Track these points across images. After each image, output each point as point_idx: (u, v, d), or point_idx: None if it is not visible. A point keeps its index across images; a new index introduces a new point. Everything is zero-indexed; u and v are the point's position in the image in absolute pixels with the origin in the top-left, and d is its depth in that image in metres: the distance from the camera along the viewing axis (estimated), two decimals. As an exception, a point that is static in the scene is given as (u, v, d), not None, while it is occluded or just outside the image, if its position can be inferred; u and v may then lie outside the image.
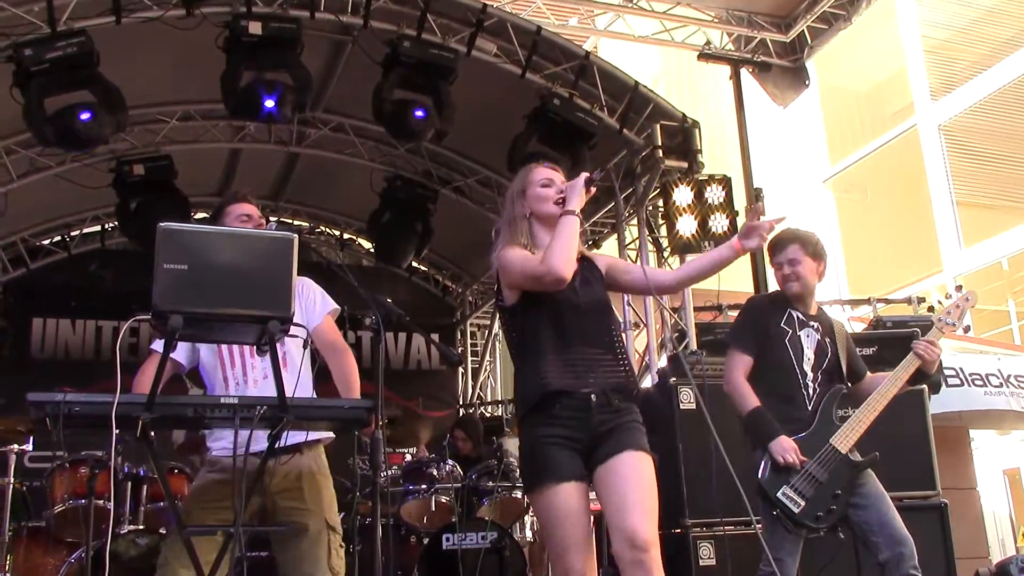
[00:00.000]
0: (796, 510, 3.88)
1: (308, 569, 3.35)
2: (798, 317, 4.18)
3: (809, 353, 4.12)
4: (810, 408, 4.05)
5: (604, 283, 3.34)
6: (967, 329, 4.18)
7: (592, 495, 3.12)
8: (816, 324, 4.19)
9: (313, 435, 3.44)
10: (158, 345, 3.33)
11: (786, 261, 4.21)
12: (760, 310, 4.28)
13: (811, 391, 4.08)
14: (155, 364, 3.34)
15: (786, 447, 3.92)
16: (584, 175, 3.28)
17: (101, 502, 5.25)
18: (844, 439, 3.97)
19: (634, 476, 3.02)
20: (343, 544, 3.55)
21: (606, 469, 3.05)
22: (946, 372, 6.92)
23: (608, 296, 3.33)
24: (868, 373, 4.27)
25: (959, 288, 4.25)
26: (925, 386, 5.55)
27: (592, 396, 3.08)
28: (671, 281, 3.52)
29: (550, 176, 3.35)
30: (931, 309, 4.23)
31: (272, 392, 3.16)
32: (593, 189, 3.29)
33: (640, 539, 2.91)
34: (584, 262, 3.33)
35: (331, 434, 3.58)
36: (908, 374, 4.06)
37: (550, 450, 3.06)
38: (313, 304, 3.70)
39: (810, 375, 4.10)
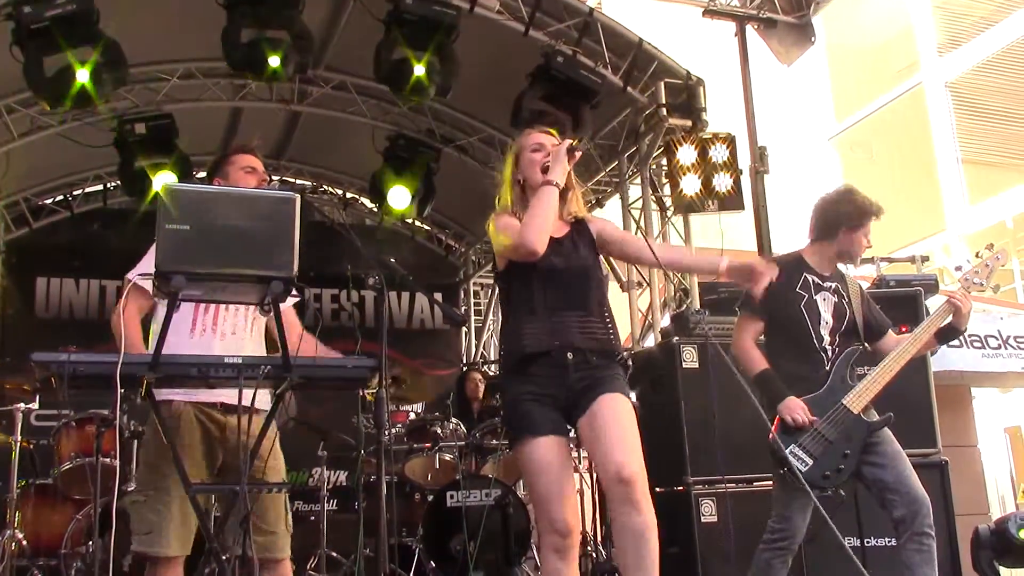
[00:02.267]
0: (804, 468, 3.90)
1: (271, 527, 3.37)
2: (814, 281, 4.14)
3: (827, 316, 4.09)
4: (828, 370, 4.05)
5: (595, 248, 3.37)
6: (996, 288, 4.13)
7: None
8: (832, 285, 4.16)
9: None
10: (134, 275, 3.31)
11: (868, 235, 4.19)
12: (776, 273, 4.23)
13: (829, 353, 4.07)
14: (137, 305, 3.33)
15: (794, 407, 3.93)
16: (566, 142, 3.29)
17: (108, 460, 5.30)
18: (857, 399, 3.97)
19: (612, 415, 3.07)
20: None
21: (587, 419, 3.10)
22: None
23: (596, 261, 3.35)
24: (890, 333, 4.24)
25: (990, 246, 4.18)
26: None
27: (568, 355, 3.13)
28: (654, 261, 3.47)
29: (541, 141, 3.36)
30: (958, 268, 4.13)
31: (236, 350, 3.17)
32: (578, 155, 3.30)
33: (626, 473, 2.96)
34: (576, 226, 3.36)
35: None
36: (931, 332, 4.03)
37: (527, 406, 3.13)
38: None
39: (827, 339, 4.08)
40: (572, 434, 3.23)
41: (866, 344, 4.18)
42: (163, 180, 7.38)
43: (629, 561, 3.00)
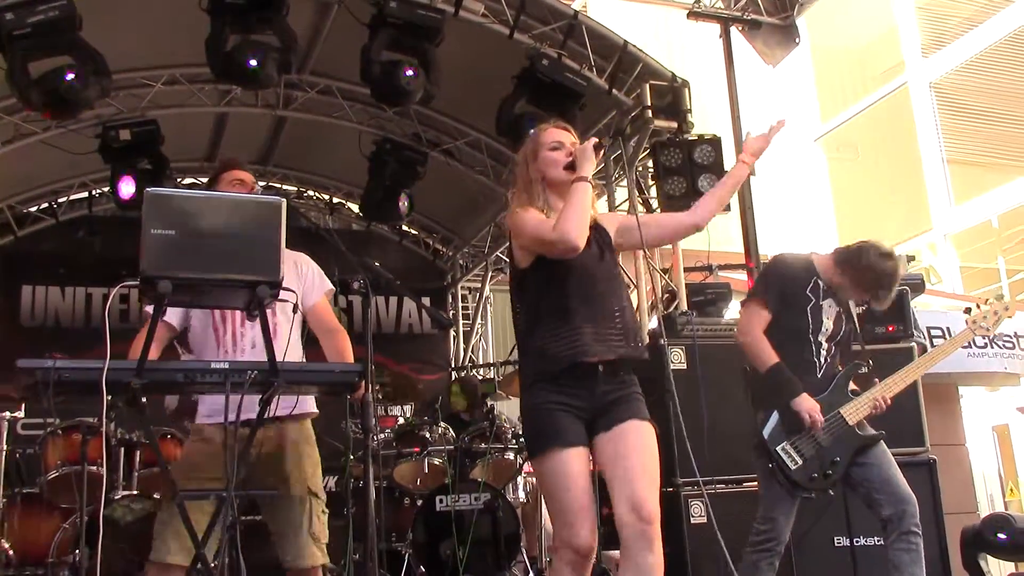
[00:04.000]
0: (792, 466, 3.92)
1: (291, 535, 3.38)
2: (822, 287, 4.16)
3: (828, 324, 4.12)
4: (819, 376, 4.07)
5: (614, 251, 3.33)
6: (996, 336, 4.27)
7: None
8: (838, 296, 4.19)
9: (298, 410, 3.44)
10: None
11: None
12: (791, 271, 4.22)
13: (823, 360, 4.10)
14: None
15: (812, 406, 3.92)
16: (593, 140, 3.26)
17: (94, 468, 5.27)
18: (854, 412, 4.01)
19: (640, 446, 3.04)
20: (326, 510, 3.57)
21: (611, 438, 3.05)
22: (934, 332, 6.95)
23: (619, 266, 3.34)
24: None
25: (999, 297, 4.28)
26: (915, 344, 5.59)
27: (599, 367, 3.08)
28: (696, 219, 3.44)
29: (559, 139, 3.33)
30: (967, 311, 4.25)
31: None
32: (602, 152, 3.29)
33: (647, 511, 2.92)
34: (596, 229, 3.31)
35: (315, 410, 3.60)
36: (936, 361, 4.12)
37: (555, 415, 3.05)
38: (312, 283, 3.71)
39: (824, 345, 4.11)
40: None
41: (870, 363, 4.19)
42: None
43: None
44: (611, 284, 3.22)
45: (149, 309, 3.40)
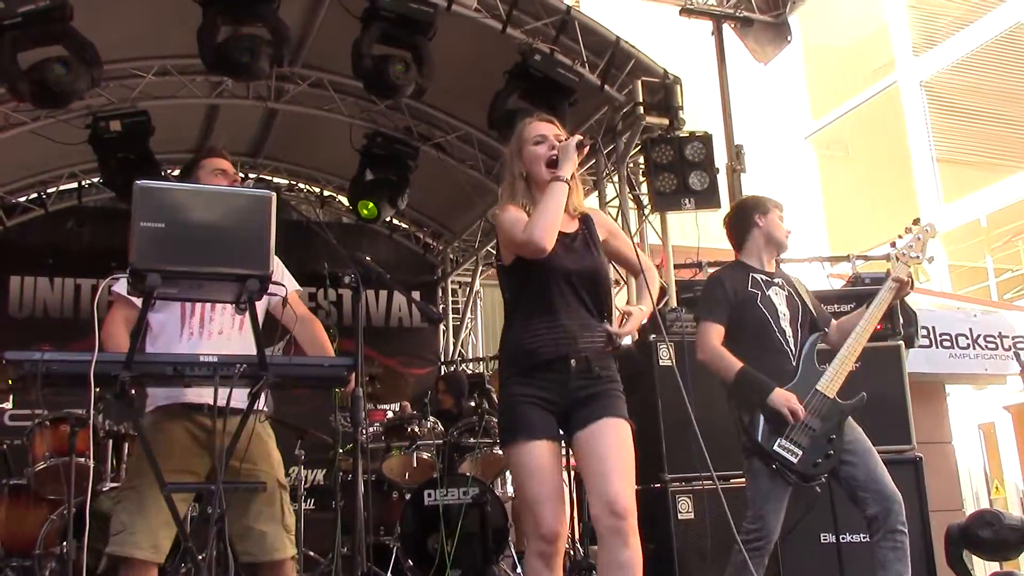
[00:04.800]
0: (794, 460, 3.93)
1: (264, 527, 3.35)
2: (761, 279, 4.23)
3: (783, 309, 4.17)
4: (795, 362, 4.10)
5: (599, 244, 3.33)
6: (931, 259, 4.25)
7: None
8: (779, 280, 4.25)
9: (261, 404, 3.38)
10: (120, 287, 3.29)
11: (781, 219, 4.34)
12: (723, 280, 4.29)
13: (793, 345, 4.12)
14: (123, 314, 3.33)
15: (788, 397, 3.94)
16: (576, 138, 3.25)
17: (82, 459, 5.26)
18: (830, 384, 4.02)
19: (614, 443, 3.06)
20: (293, 502, 3.55)
21: (586, 435, 3.09)
22: (920, 332, 6.97)
23: (605, 263, 3.33)
24: (833, 320, 4.33)
25: (916, 221, 4.28)
26: (902, 341, 5.61)
27: (572, 362, 3.11)
28: (638, 268, 3.46)
29: (543, 132, 3.31)
30: (893, 244, 4.27)
31: (226, 349, 3.17)
32: (586, 150, 3.27)
33: (620, 506, 2.96)
34: (584, 222, 3.33)
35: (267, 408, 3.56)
36: (883, 311, 4.12)
37: (525, 408, 3.10)
38: (282, 279, 3.68)
39: (789, 330, 4.14)
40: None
41: (826, 330, 4.24)
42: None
43: None
44: (591, 282, 3.22)
45: (118, 290, 3.36)
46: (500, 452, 6.32)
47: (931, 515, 5.19)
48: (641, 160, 7.67)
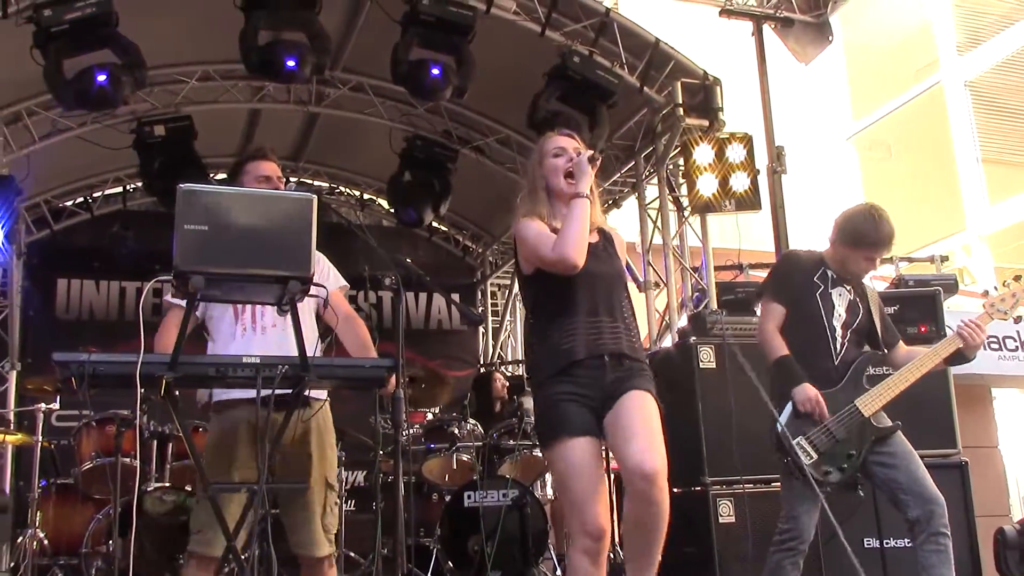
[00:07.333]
0: (807, 461, 3.91)
1: (303, 524, 3.40)
2: (831, 275, 4.19)
3: (840, 310, 4.14)
4: (836, 363, 4.06)
5: (616, 250, 3.43)
6: (1018, 319, 4.17)
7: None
8: (850, 285, 4.20)
9: (318, 392, 3.45)
10: (174, 297, 3.35)
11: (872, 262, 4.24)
12: (796, 263, 4.31)
13: (839, 346, 4.10)
14: (175, 320, 3.38)
15: (809, 395, 3.93)
16: (588, 152, 3.33)
17: (128, 460, 5.34)
18: (869, 403, 3.98)
19: (637, 410, 3.12)
20: (338, 502, 3.61)
21: (612, 412, 3.14)
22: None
23: (623, 268, 3.43)
24: (902, 343, 4.26)
25: (1017, 278, 4.21)
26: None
27: (606, 358, 3.18)
28: None
29: (562, 145, 3.41)
30: (985, 293, 4.20)
31: (279, 342, 3.20)
32: (598, 162, 3.35)
33: (648, 468, 2.99)
34: (602, 233, 3.42)
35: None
36: (947, 352, 4.05)
37: (564, 406, 3.14)
38: (326, 278, 3.73)
39: (839, 331, 4.12)
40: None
41: (885, 350, 4.19)
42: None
43: (635, 544, 3.07)
44: (612, 287, 3.31)
45: (169, 299, 3.43)
46: (539, 454, 6.32)
47: (977, 520, 5.12)
48: (681, 161, 7.64)
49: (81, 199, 9.72)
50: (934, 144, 18.91)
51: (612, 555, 5.52)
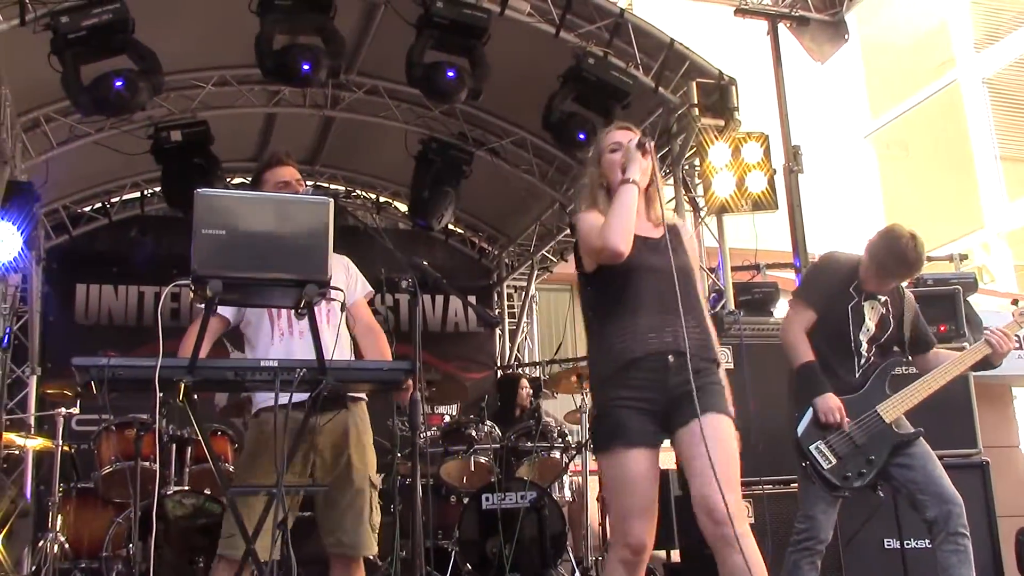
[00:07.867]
0: (826, 465, 3.89)
1: (350, 524, 3.43)
2: (867, 289, 4.14)
3: (870, 324, 4.10)
4: (858, 375, 4.04)
5: (683, 243, 3.30)
6: None
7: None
8: (884, 298, 4.15)
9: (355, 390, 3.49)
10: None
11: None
12: (835, 268, 4.22)
13: (862, 361, 4.06)
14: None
15: (832, 405, 3.91)
16: (635, 139, 3.23)
17: (147, 463, 5.37)
18: (891, 408, 3.96)
19: (713, 441, 2.93)
20: (381, 501, 3.63)
21: (687, 432, 2.99)
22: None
23: (689, 263, 3.28)
24: (935, 348, 4.22)
25: None
26: (967, 344, 5.50)
27: (669, 357, 3.05)
28: None
29: (618, 140, 3.32)
30: (1015, 302, 4.21)
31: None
32: (648, 147, 3.23)
33: (720, 513, 2.86)
34: (671, 229, 3.27)
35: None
36: (974, 360, 4.03)
37: (622, 413, 3.04)
38: (354, 284, 3.76)
39: (864, 346, 4.09)
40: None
41: (909, 356, 4.16)
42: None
43: None
44: (680, 280, 3.09)
45: (199, 305, 3.46)
46: (557, 456, 6.31)
47: (999, 520, 5.09)
48: (697, 162, 7.61)
49: (99, 204, 9.77)
50: (952, 142, 18.79)
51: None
